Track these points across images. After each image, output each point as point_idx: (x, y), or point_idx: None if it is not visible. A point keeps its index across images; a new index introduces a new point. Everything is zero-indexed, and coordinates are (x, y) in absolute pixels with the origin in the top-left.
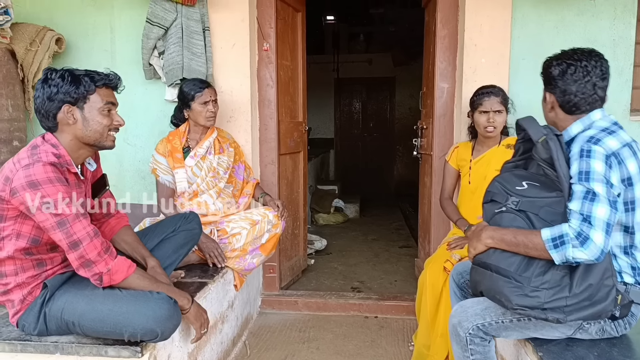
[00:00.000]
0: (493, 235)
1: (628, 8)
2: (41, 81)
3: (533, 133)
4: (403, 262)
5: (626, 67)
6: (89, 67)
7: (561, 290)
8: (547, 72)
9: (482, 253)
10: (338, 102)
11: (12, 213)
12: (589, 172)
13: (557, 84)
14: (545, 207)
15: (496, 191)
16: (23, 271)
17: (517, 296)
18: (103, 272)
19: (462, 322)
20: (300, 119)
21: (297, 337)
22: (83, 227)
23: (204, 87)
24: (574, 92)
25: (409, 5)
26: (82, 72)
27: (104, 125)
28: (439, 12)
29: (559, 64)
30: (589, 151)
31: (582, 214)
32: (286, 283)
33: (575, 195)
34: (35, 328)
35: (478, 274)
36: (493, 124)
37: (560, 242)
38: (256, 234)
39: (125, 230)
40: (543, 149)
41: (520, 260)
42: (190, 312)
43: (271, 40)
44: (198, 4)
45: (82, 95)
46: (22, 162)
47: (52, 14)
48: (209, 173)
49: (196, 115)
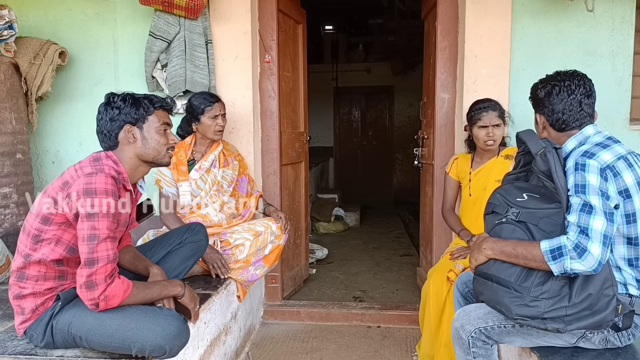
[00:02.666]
0: (493, 247)
1: (626, 19)
2: (104, 104)
3: (532, 146)
4: (404, 270)
5: (625, 77)
6: (91, 80)
7: (561, 300)
8: (534, 96)
9: (483, 264)
10: (337, 111)
11: (60, 219)
12: (584, 185)
13: (545, 105)
14: (545, 218)
15: (497, 202)
16: (44, 280)
17: (517, 306)
18: (100, 299)
19: (465, 325)
20: (301, 129)
21: (300, 348)
22: (106, 249)
23: (214, 101)
24: (562, 110)
25: (408, 16)
26: (141, 96)
27: (161, 143)
28: (439, 24)
29: (544, 86)
30: (583, 165)
31: (579, 226)
32: (288, 293)
33: (573, 207)
34: (42, 340)
35: (480, 284)
36: (492, 138)
37: (559, 253)
38: (259, 245)
39: (126, 249)
40: (542, 161)
41: (520, 270)
42: (185, 296)
43: (273, 52)
44: (201, 17)
45: (142, 116)
46: (84, 170)
47: (55, 28)
48: (212, 186)
49: (205, 128)
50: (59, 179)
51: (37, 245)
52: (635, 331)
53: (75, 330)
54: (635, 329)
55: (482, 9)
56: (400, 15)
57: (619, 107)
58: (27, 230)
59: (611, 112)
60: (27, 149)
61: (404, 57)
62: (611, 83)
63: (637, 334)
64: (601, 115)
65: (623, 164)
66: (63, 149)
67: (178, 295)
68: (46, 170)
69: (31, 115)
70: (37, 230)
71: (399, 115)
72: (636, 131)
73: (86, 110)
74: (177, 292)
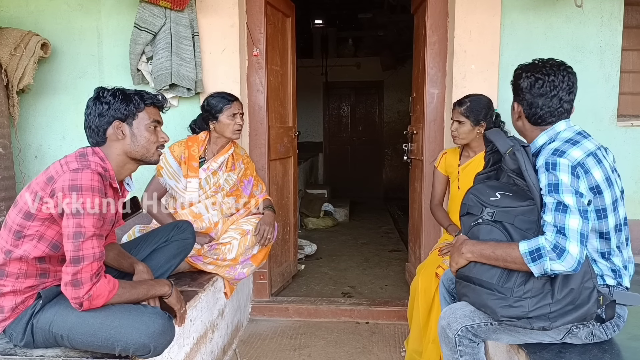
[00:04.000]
0: (472, 250)
1: (614, 15)
2: (93, 99)
3: (500, 145)
4: (393, 266)
5: (613, 73)
6: (75, 73)
7: (544, 297)
8: (516, 83)
9: (464, 267)
10: (327, 106)
11: (43, 215)
12: (557, 185)
13: (524, 97)
14: (520, 215)
15: (471, 203)
16: (25, 277)
17: (501, 308)
18: (84, 298)
19: (451, 324)
20: (290, 124)
21: (288, 345)
22: (92, 247)
23: (232, 99)
24: (540, 106)
25: (397, 11)
26: (131, 91)
27: (151, 141)
28: (428, 19)
29: (528, 76)
30: (554, 164)
31: (555, 226)
32: (276, 289)
33: (547, 207)
34: (22, 339)
35: (462, 287)
36: (454, 133)
37: (538, 255)
38: (248, 245)
39: (111, 246)
40: (511, 160)
41: (501, 271)
42: (172, 296)
43: (261, 45)
44: (187, 9)
45: (132, 113)
46: (70, 166)
47: (37, 19)
48: (212, 188)
49: (223, 127)
50: (44, 173)
51: (18, 241)
52: (619, 322)
53: (56, 329)
54: (619, 320)
55: (471, 3)
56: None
57: (607, 103)
58: (8, 225)
59: (599, 108)
60: (8, 143)
61: (394, 52)
62: (599, 79)
63: (622, 324)
64: (589, 112)
65: (592, 161)
66: (46, 143)
67: (165, 295)
68: (28, 165)
69: (12, 108)
70: (19, 226)
71: (389, 110)
72: (623, 127)
73: (69, 103)
74: (164, 292)
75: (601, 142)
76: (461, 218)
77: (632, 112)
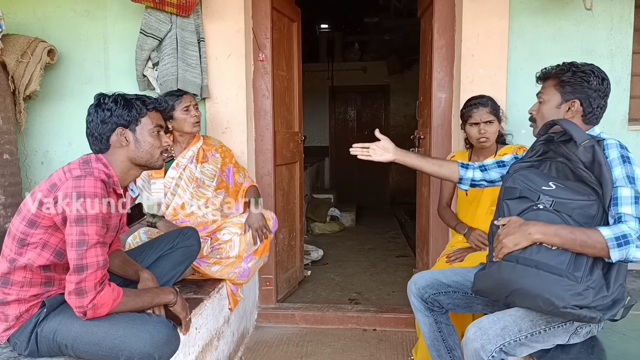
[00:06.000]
0: (544, 230)
1: (625, 18)
2: (94, 106)
3: (577, 135)
4: (400, 272)
5: (624, 76)
6: (81, 79)
7: (601, 289)
8: (581, 79)
9: (521, 250)
10: (333, 110)
11: (46, 222)
12: (634, 177)
13: (589, 94)
14: (577, 209)
15: (522, 188)
16: (30, 286)
17: (571, 295)
18: (88, 307)
19: (485, 346)
20: (296, 129)
21: (294, 352)
22: (96, 255)
23: (180, 94)
24: (602, 106)
25: (404, 15)
26: (133, 97)
27: (155, 146)
28: (435, 22)
29: (596, 75)
30: (628, 157)
31: (638, 218)
32: (283, 295)
33: (624, 199)
34: (27, 348)
35: (514, 272)
36: (485, 135)
37: (625, 241)
38: (249, 240)
39: (115, 253)
40: (585, 152)
41: (569, 258)
42: (177, 305)
43: (267, 50)
44: (193, 14)
45: (135, 118)
46: (73, 173)
47: (44, 26)
48: (190, 183)
49: (181, 123)
50: (47, 181)
51: (22, 249)
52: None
53: (60, 338)
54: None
55: (479, 7)
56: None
57: (618, 107)
58: (12, 233)
59: (610, 111)
60: (14, 149)
61: (400, 56)
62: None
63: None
64: None
65: None
66: (52, 149)
67: (170, 303)
68: (35, 171)
69: (19, 114)
70: (22, 234)
71: (395, 114)
72: (635, 131)
73: (76, 109)
74: (169, 300)
75: None
76: (506, 201)
77: None
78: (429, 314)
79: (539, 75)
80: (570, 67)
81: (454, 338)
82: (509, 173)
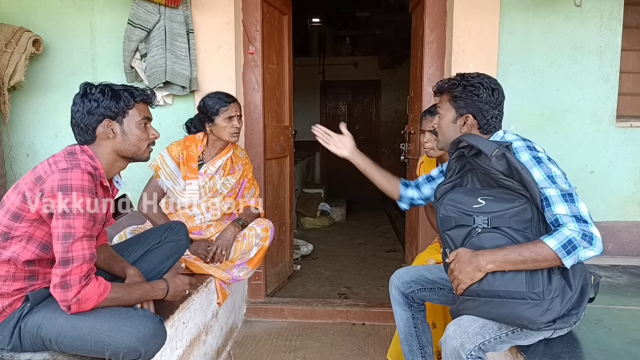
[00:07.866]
0: (494, 259)
1: (614, 15)
2: (80, 95)
3: (485, 147)
4: (390, 267)
5: (612, 73)
6: (68, 70)
7: (565, 292)
8: (469, 93)
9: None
10: (324, 105)
11: (32, 216)
12: (553, 176)
13: (480, 106)
14: (514, 217)
15: (455, 215)
16: (13, 280)
17: (541, 315)
18: (72, 301)
19: (465, 344)
20: (286, 123)
21: (283, 347)
22: (82, 248)
23: (230, 101)
24: (496, 115)
25: (395, 9)
26: (120, 87)
27: (142, 138)
28: (426, 17)
29: (485, 87)
30: (539, 158)
31: (574, 216)
32: (272, 290)
33: (554, 199)
34: (9, 343)
35: (480, 305)
36: (426, 144)
37: (572, 247)
38: (244, 249)
39: (102, 247)
40: (498, 161)
41: (526, 277)
42: (168, 296)
43: (257, 43)
44: (182, 6)
45: (122, 110)
46: (59, 165)
47: (29, 15)
48: (208, 193)
49: (220, 130)
50: (32, 173)
51: (6, 242)
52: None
53: (44, 332)
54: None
55: (470, 2)
56: (388, 9)
57: (606, 103)
58: None
59: (598, 108)
60: None
61: (391, 51)
62: (598, 79)
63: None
64: (588, 112)
65: None
66: (38, 141)
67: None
68: (20, 163)
69: (3, 105)
70: (6, 228)
71: (386, 109)
72: (623, 128)
73: (62, 101)
74: (160, 296)
75: (600, 143)
76: (447, 233)
77: (631, 113)
78: (407, 309)
79: (435, 90)
80: (461, 82)
81: (427, 336)
82: (437, 199)
